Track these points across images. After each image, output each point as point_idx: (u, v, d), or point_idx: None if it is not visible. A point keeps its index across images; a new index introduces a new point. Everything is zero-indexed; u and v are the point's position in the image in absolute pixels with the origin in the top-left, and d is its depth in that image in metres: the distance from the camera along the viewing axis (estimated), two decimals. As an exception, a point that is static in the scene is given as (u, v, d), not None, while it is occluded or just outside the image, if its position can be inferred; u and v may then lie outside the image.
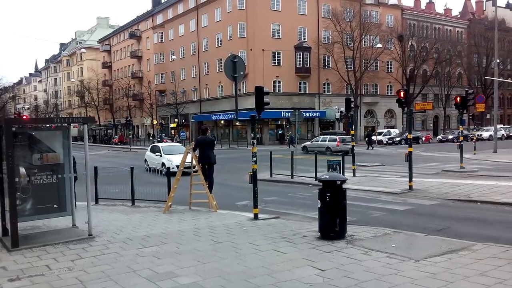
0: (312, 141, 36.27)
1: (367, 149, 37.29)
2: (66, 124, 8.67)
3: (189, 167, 11.86)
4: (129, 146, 48.70)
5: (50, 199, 8.31)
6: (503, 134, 48.56)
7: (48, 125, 9.64)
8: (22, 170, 7.77)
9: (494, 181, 14.79)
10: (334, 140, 32.47)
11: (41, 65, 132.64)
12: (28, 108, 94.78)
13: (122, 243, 7.75)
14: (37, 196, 8.08)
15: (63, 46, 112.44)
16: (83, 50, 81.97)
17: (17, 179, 7.57)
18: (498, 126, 39.53)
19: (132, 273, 6.07)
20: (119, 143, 59.22)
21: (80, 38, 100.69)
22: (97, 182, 12.61)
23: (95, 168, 12.70)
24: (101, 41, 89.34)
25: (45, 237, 8.11)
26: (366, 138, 40.72)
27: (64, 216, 8.68)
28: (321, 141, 34.09)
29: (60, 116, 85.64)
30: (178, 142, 48.15)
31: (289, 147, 37.72)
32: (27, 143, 8.02)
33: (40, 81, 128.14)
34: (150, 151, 23.64)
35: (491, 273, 5.72)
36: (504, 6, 75.18)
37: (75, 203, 9.11)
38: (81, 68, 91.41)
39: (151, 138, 60.21)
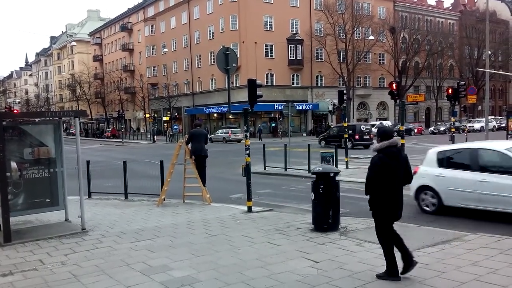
0: (216, 133, 43.51)
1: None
2: (57, 118, 8.60)
3: None
4: (122, 140, 48.48)
5: (42, 193, 8.26)
6: (494, 126, 48.86)
7: (39, 119, 9.55)
8: (14, 164, 7.71)
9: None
10: (227, 132, 41.70)
11: (31, 58, 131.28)
12: (19, 102, 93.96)
13: (115, 237, 7.73)
14: (29, 190, 8.03)
15: (53, 39, 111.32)
16: (73, 43, 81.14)
17: (8, 174, 7.50)
18: (490, 117, 39.81)
19: (126, 266, 6.06)
20: (111, 137, 58.95)
21: (71, 31, 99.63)
22: (89, 176, 12.54)
23: (88, 162, 12.63)
24: (92, 34, 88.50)
25: (37, 232, 8.06)
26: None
27: (56, 210, 8.63)
28: (219, 133, 42.83)
29: (52, 110, 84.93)
30: (171, 135, 48.21)
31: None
32: (18, 137, 7.95)
33: (30, 75, 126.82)
34: None
35: (483, 263, 5.79)
36: (495, -3, 75.38)
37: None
38: (72, 61, 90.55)
39: (140, 131, 60.03)
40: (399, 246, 5.33)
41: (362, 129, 29.75)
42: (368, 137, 29.44)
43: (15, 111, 31.18)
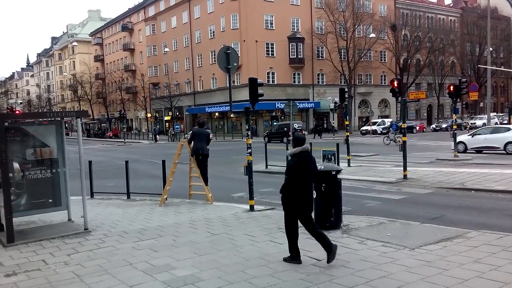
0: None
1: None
2: (59, 119, 8.62)
3: None
4: (124, 140, 48.52)
5: (45, 194, 8.28)
6: (496, 122, 48.64)
7: (41, 120, 9.56)
8: (16, 165, 7.72)
9: (488, 169, 14.89)
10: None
11: (32, 59, 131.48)
12: (21, 103, 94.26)
13: (118, 236, 7.75)
14: (32, 191, 8.05)
15: (54, 40, 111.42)
16: (74, 43, 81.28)
17: (11, 174, 7.52)
18: (492, 114, 39.70)
19: (129, 266, 6.07)
20: (113, 137, 59.01)
21: (72, 31, 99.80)
22: (92, 176, 12.56)
23: (90, 162, 12.65)
24: (93, 34, 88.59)
25: (40, 232, 8.09)
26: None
27: (59, 210, 8.65)
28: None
29: (53, 110, 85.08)
30: (172, 135, 48.21)
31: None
32: (20, 138, 7.96)
33: (32, 76, 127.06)
34: None
35: (485, 260, 5.78)
36: (496, -6, 75.16)
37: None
38: (73, 61, 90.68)
39: (142, 131, 60.00)
40: (295, 239, 6.03)
41: (295, 126, 33.68)
42: (281, 135, 35.37)
43: (17, 112, 31.22)
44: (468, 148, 21.80)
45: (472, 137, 22.33)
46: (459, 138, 21.51)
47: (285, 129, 34.65)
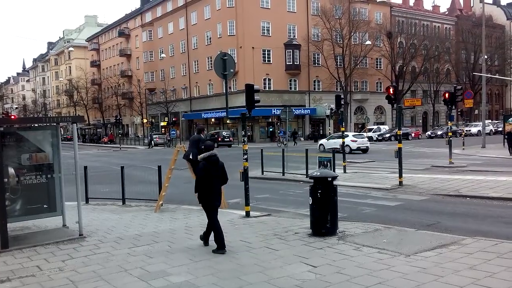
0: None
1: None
2: (55, 124, 8.60)
3: None
4: (119, 145, 48.40)
5: (40, 199, 8.24)
6: (491, 129, 49.03)
7: (36, 125, 9.54)
8: (11, 170, 7.70)
9: (483, 176, 14.96)
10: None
11: (28, 64, 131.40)
12: (16, 108, 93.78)
13: (113, 242, 7.71)
14: (27, 196, 8.01)
15: (51, 45, 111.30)
16: (71, 48, 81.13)
17: (6, 180, 7.49)
18: (486, 121, 39.99)
19: (124, 272, 6.04)
20: (109, 142, 58.85)
21: (68, 36, 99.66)
22: (87, 181, 12.51)
23: (85, 168, 12.61)
24: (89, 39, 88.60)
25: (35, 238, 8.04)
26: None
27: (54, 216, 8.61)
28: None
29: (49, 115, 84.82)
30: (168, 140, 48.13)
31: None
32: (15, 143, 7.94)
33: (28, 81, 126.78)
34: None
35: (480, 266, 5.80)
36: (491, 2, 75.84)
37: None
38: (70, 67, 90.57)
39: (138, 136, 59.84)
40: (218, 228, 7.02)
41: (224, 134, 42.44)
42: (228, 139, 41.92)
43: (12, 117, 31.07)
44: (325, 148, 28.93)
45: (327, 140, 31.02)
46: (320, 141, 32.47)
47: (215, 136, 40.78)
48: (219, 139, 40.72)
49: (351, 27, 49.93)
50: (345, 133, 21.76)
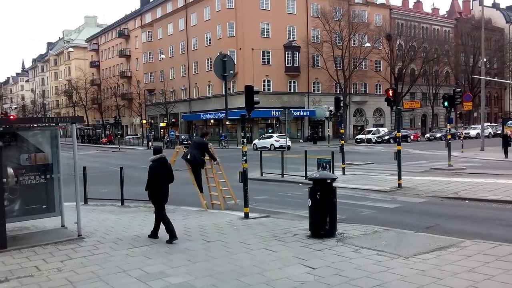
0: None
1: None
2: (54, 124, 8.60)
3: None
4: (118, 146, 48.36)
5: (38, 199, 8.23)
6: (490, 132, 49.10)
7: (35, 125, 9.54)
8: (10, 170, 7.69)
9: (482, 179, 14.97)
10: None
11: (28, 64, 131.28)
12: (15, 108, 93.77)
13: (112, 243, 7.70)
14: (26, 196, 8.01)
15: (50, 45, 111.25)
16: (70, 49, 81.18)
17: (5, 180, 7.48)
18: (485, 124, 39.99)
19: (123, 273, 6.04)
20: (108, 143, 58.79)
21: (68, 37, 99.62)
22: (86, 182, 12.51)
23: (84, 168, 12.60)
24: (89, 40, 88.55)
25: (34, 238, 8.03)
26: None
27: (53, 216, 8.60)
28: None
29: (48, 116, 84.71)
30: (168, 141, 48.11)
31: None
32: (14, 143, 7.93)
33: (27, 81, 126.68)
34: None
35: (479, 269, 5.80)
36: (490, 5, 76.00)
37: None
38: (69, 67, 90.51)
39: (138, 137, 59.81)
40: (168, 222, 7.79)
41: (182, 137, 45.54)
42: (186, 142, 41.83)
43: (11, 117, 31.03)
44: (258, 147, 34.35)
45: (259, 140, 38.03)
46: (254, 141, 38.86)
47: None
48: (178, 142, 45.23)
49: (350, 29, 49.97)
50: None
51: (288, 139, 32.85)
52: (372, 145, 43.79)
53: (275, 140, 35.66)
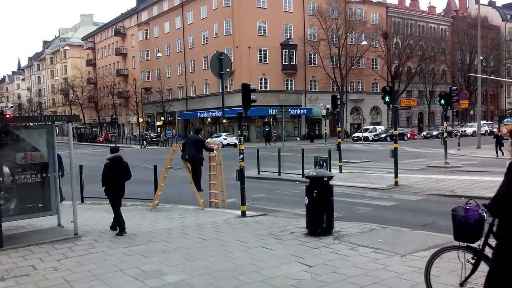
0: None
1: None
2: (50, 123, 8.56)
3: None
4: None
5: (34, 198, 8.21)
6: (486, 130, 49.17)
7: (31, 124, 9.49)
8: (6, 169, 7.66)
9: (478, 176, 15.02)
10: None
11: (24, 63, 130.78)
12: (11, 107, 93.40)
13: (108, 242, 7.69)
14: (22, 195, 7.97)
15: (46, 44, 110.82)
16: (66, 47, 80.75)
17: (0, 179, 7.45)
18: (482, 122, 40.15)
19: (119, 272, 6.02)
20: (104, 142, 58.65)
21: (64, 35, 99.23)
22: (82, 181, 12.48)
23: (81, 167, 12.57)
24: (85, 38, 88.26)
25: (30, 237, 8.00)
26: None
27: (49, 215, 8.58)
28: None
29: (44, 114, 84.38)
30: (164, 140, 48.01)
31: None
32: (10, 141, 7.90)
33: (23, 79, 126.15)
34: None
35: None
36: (486, 3, 76.19)
37: (60, 198, 9.04)
38: (65, 65, 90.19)
39: (134, 135, 59.69)
40: (120, 215, 8.39)
41: (152, 135, 52.71)
42: (156, 139, 51.25)
43: (7, 115, 30.88)
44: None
45: (211, 139, 44.61)
46: (206, 140, 40.40)
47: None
48: (148, 139, 49.78)
49: (347, 28, 50.05)
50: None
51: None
52: (369, 143, 43.86)
53: (224, 139, 40.32)
